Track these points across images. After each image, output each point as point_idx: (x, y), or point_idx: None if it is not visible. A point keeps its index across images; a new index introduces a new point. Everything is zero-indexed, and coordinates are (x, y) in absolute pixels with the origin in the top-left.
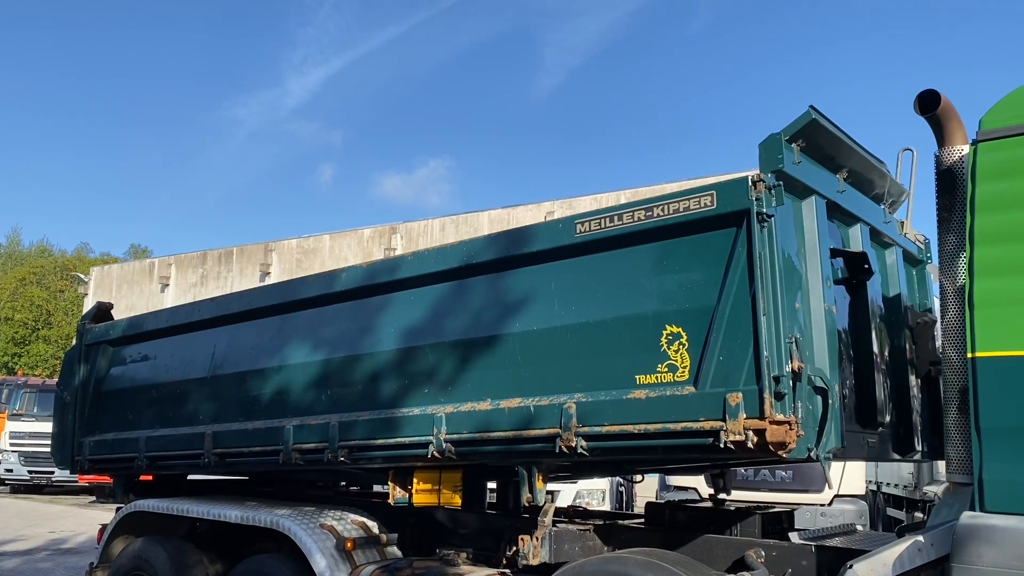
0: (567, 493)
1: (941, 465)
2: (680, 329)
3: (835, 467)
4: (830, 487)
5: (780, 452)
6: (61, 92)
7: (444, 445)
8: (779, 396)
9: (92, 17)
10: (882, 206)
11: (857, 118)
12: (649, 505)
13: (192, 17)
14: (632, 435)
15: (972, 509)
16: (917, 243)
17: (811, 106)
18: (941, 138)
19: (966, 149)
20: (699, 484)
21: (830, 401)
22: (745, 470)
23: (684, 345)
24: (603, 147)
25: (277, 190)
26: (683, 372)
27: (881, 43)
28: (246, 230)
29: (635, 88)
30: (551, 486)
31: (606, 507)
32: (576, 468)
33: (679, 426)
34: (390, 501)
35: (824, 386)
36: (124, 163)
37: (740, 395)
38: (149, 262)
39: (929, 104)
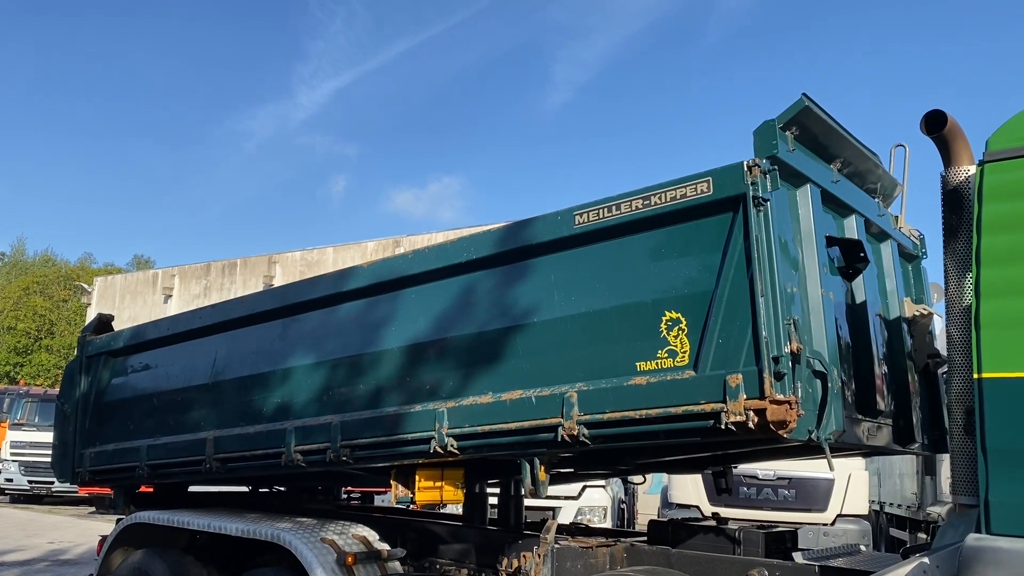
0: (568, 510)
1: (945, 486)
2: (679, 315)
3: (838, 486)
4: (832, 469)
5: (781, 432)
6: (69, 102)
7: (446, 440)
8: (779, 376)
9: (101, 27)
10: (876, 199)
11: (868, 130)
12: (652, 523)
13: (202, 30)
14: (634, 421)
15: (978, 531)
16: (912, 238)
17: (804, 94)
18: (947, 158)
19: (972, 169)
20: (701, 502)
21: (829, 384)
22: (748, 488)
23: (683, 330)
24: (611, 163)
25: (286, 203)
26: (683, 357)
27: (894, 56)
28: (253, 243)
29: (644, 104)
30: (553, 503)
31: (608, 524)
32: (578, 461)
33: (680, 409)
34: (392, 500)
35: (823, 369)
36: (130, 174)
37: (740, 376)
38: (152, 273)
39: (936, 124)
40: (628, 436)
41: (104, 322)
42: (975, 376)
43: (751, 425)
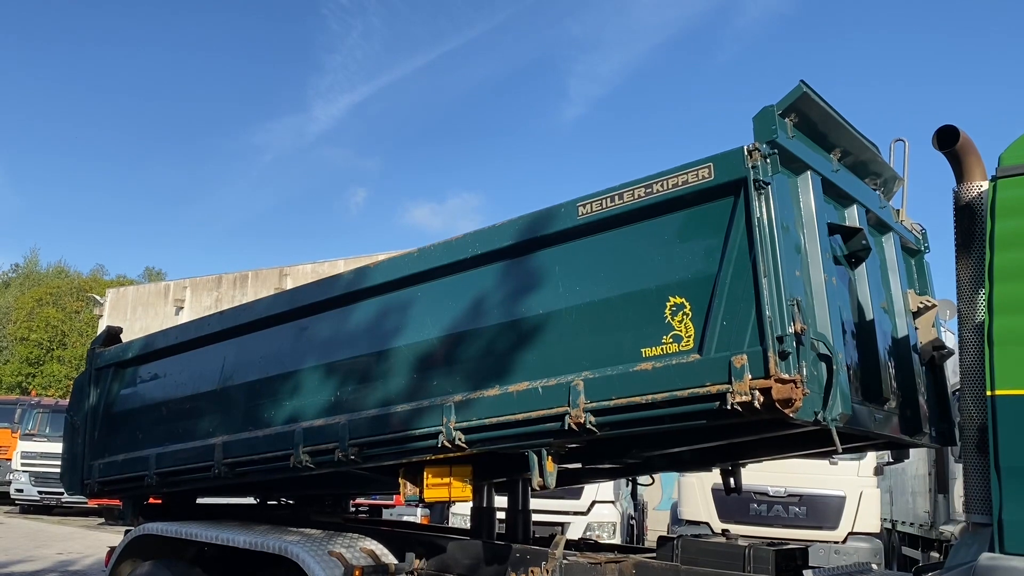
0: (577, 526)
1: (958, 504)
2: (683, 300)
3: (849, 504)
4: (839, 452)
5: (787, 410)
6: (83, 115)
7: (453, 434)
8: (783, 356)
9: (117, 40)
10: (877, 192)
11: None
12: (661, 539)
13: (217, 44)
14: (640, 406)
15: (991, 550)
16: (914, 232)
17: (802, 80)
18: (960, 174)
19: (985, 185)
20: (711, 519)
21: (835, 367)
22: (758, 505)
23: (688, 315)
24: (627, 177)
25: (301, 217)
26: (688, 341)
27: (912, 71)
28: (267, 256)
29: (659, 119)
30: (562, 518)
31: (617, 540)
32: (586, 453)
33: (686, 392)
34: (401, 498)
35: (827, 352)
36: (144, 187)
37: (745, 357)
38: (164, 285)
39: (948, 140)
40: (635, 422)
41: (112, 334)
42: (988, 393)
43: (757, 405)
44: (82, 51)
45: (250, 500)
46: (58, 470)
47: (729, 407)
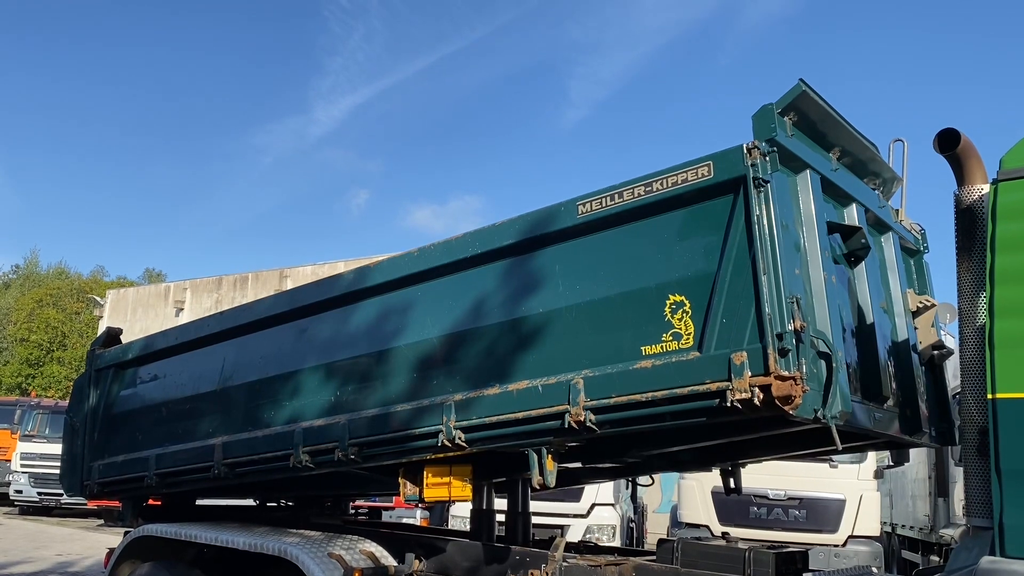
0: (577, 528)
1: (959, 507)
2: (683, 297)
3: (849, 507)
4: (839, 452)
5: (787, 407)
6: (84, 114)
7: (453, 433)
8: (783, 353)
9: (118, 40)
10: (876, 191)
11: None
12: (661, 541)
13: (219, 45)
14: (640, 404)
15: (992, 554)
16: (913, 232)
17: (801, 79)
18: (961, 177)
19: (986, 188)
20: (711, 522)
21: (834, 364)
22: (758, 508)
23: (687, 313)
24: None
25: (302, 218)
26: (688, 339)
27: (912, 71)
28: (267, 257)
29: (660, 122)
30: (561, 520)
31: (617, 543)
32: (585, 452)
33: (686, 390)
34: (401, 498)
35: (827, 350)
36: (144, 189)
37: (744, 354)
38: (164, 286)
39: (949, 143)
40: (635, 420)
41: (112, 336)
42: (989, 396)
43: (757, 402)
44: (83, 51)
45: (249, 502)
46: (58, 471)
47: (729, 404)
